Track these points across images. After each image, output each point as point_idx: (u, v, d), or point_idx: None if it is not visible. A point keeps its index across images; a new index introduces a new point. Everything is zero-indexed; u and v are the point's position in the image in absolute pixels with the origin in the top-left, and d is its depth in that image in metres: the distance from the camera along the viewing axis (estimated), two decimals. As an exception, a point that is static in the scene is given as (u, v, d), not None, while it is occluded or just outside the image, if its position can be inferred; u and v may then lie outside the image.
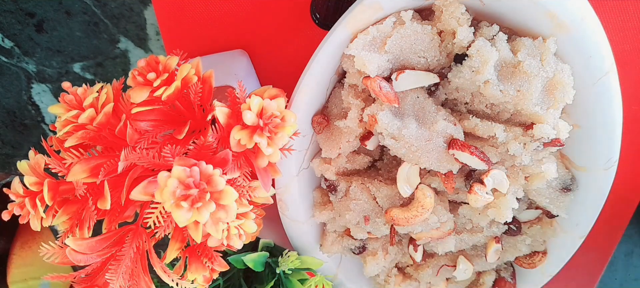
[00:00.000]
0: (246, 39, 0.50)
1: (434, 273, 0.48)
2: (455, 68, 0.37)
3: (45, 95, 0.59)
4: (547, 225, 0.47)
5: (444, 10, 0.36)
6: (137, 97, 0.31)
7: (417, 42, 0.36)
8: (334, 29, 0.36)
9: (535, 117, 0.37)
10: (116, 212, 0.34)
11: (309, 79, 0.38)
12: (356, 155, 0.43)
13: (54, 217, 0.33)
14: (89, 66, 0.57)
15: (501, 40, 0.36)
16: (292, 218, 0.44)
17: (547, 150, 0.39)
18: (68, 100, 0.32)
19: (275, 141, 0.31)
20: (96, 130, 0.32)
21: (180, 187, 0.27)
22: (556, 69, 0.37)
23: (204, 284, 0.36)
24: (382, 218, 0.42)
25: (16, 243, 0.69)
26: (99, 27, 0.54)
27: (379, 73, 0.36)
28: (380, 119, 0.35)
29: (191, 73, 0.32)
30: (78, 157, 0.32)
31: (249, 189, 0.34)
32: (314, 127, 0.41)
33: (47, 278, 0.35)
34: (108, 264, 0.34)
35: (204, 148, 0.32)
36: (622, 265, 0.66)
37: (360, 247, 0.47)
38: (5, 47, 0.55)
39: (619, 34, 0.47)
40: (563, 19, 0.35)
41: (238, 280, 0.46)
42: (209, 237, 0.33)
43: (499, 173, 0.39)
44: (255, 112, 0.31)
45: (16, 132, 0.62)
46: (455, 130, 0.37)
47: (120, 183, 0.32)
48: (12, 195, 0.32)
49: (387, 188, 0.41)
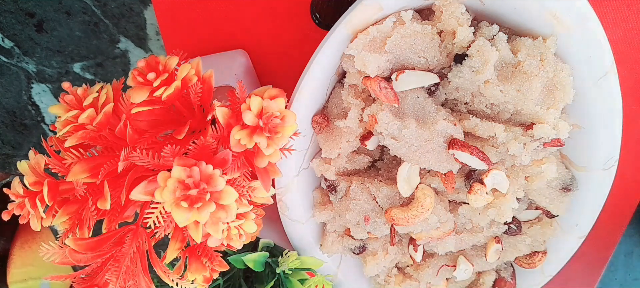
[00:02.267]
0: (246, 39, 0.50)
1: (434, 273, 0.48)
2: (455, 68, 0.37)
3: (45, 95, 0.59)
4: (547, 225, 0.47)
5: (444, 10, 0.36)
6: (137, 97, 0.31)
7: (417, 42, 0.36)
8: (334, 29, 0.36)
9: (535, 117, 0.37)
10: (116, 212, 0.34)
11: (309, 79, 0.38)
12: (356, 155, 0.43)
13: (54, 217, 0.33)
14: (89, 66, 0.57)
15: (501, 40, 0.36)
16: (292, 218, 0.44)
17: (547, 150, 0.39)
18: (68, 100, 0.32)
19: (275, 141, 0.31)
20: (96, 130, 0.32)
21: (180, 187, 0.27)
22: (556, 69, 0.37)
23: (204, 284, 0.36)
24: (382, 218, 0.42)
25: (16, 243, 0.69)
26: (99, 27, 0.54)
27: (379, 73, 0.36)
28: (380, 119, 0.35)
29: (191, 73, 0.32)
30: (78, 157, 0.32)
31: (249, 189, 0.34)
32: (314, 127, 0.41)
33: (47, 278, 0.35)
34: (108, 264, 0.34)
35: (204, 148, 0.32)
36: (622, 265, 0.66)
37: (360, 247, 0.47)
38: (5, 47, 0.55)
39: (619, 34, 0.47)
40: (563, 18, 0.35)
41: (238, 280, 0.46)
42: (209, 237, 0.33)
43: (499, 173, 0.39)
44: (255, 112, 0.31)
45: (16, 132, 0.62)
46: (455, 130, 0.37)
47: (120, 183, 0.32)
48: (12, 195, 0.32)
49: (387, 188, 0.41)
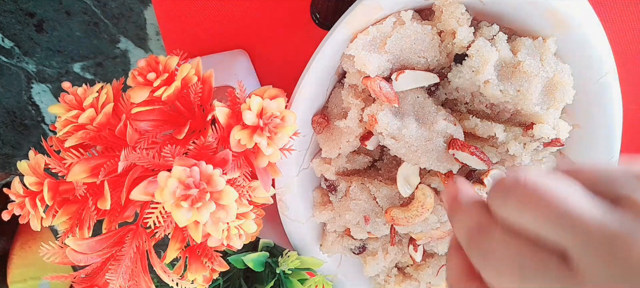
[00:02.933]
0: (246, 39, 0.50)
1: (434, 273, 0.48)
2: (455, 68, 0.37)
3: (45, 95, 0.59)
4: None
5: (444, 10, 0.36)
6: (137, 97, 0.31)
7: (417, 42, 0.36)
8: (334, 29, 0.36)
9: (535, 117, 0.37)
10: (116, 212, 0.34)
11: (309, 79, 0.38)
12: (356, 155, 0.43)
13: (54, 217, 0.33)
14: (89, 66, 0.57)
15: (501, 40, 0.36)
16: (292, 218, 0.44)
17: (547, 150, 0.39)
18: (68, 100, 0.32)
19: (275, 141, 0.31)
20: (96, 130, 0.32)
21: (180, 187, 0.27)
22: (556, 69, 0.37)
23: (204, 284, 0.36)
24: (382, 218, 0.42)
25: (16, 243, 0.69)
26: (99, 27, 0.54)
27: (379, 73, 0.36)
28: (380, 119, 0.35)
29: (191, 73, 0.32)
30: (78, 157, 0.32)
31: (249, 189, 0.34)
32: (314, 127, 0.41)
33: (47, 278, 0.35)
34: (108, 264, 0.34)
35: (204, 148, 0.32)
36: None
37: (360, 247, 0.47)
38: (5, 47, 0.55)
39: (619, 34, 0.47)
40: (563, 18, 0.35)
41: (238, 280, 0.46)
42: (209, 237, 0.33)
43: (499, 173, 0.38)
44: (255, 112, 0.31)
45: (16, 132, 0.62)
46: (455, 130, 0.37)
47: (120, 183, 0.32)
48: (12, 195, 0.32)
49: (387, 188, 0.41)
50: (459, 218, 0.20)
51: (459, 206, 0.21)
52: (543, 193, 0.17)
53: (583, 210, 0.16)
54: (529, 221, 0.17)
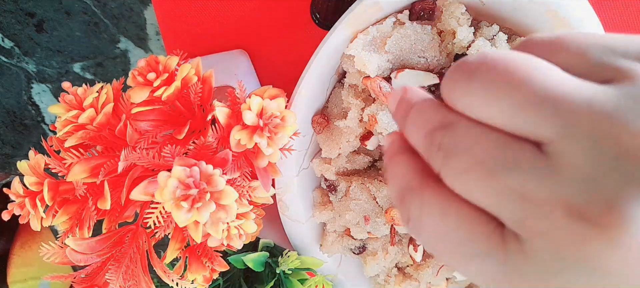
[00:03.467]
0: (246, 39, 0.50)
1: (434, 273, 0.48)
2: (455, 68, 0.37)
3: (45, 95, 0.59)
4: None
5: (444, 10, 0.36)
6: (137, 97, 0.31)
7: (417, 42, 0.36)
8: (334, 29, 0.36)
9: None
10: (116, 212, 0.34)
11: (309, 79, 0.38)
12: (356, 155, 0.43)
13: (54, 217, 0.33)
14: (89, 66, 0.57)
15: (501, 40, 0.36)
16: (292, 218, 0.44)
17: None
18: (68, 100, 0.32)
19: (275, 141, 0.31)
20: (96, 130, 0.32)
21: (180, 187, 0.27)
22: (556, 69, 0.37)
23: (204, 284, 0.36)
24: (382, 218, 0.42)
25: (16, 243, 0.69)
26: (99, 27, 0.54)
27: (379, 73, 0.36)
28: (380, 119, 0.35)
29: (191, 73, 0.32)
30: (78, 157, 0.32)
31: (249, 189, 0.34)
32: (314, 127, 0.41)
33: (47, 278, 0.34)
34: (108, 264, 0.34)
35: (204, 148, 0.32)
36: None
37: (360, 247, 0.47)
38: (5, 47, 0.55)
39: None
40: (563, 18, 0.35)
41: (238, 280, 0.46)
42: (209, 237, 0.33)
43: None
44: (255, 112, 0.31)
45: (16, 132, 0.62)
46: (455, 130, 0.37)
47: (120, 183, 0.32)
48: (12, 195, 0.32)
49: (387, 188, 0.41)
50: (412, 118, 0.17)
51: (410, 104, 0.17)
52: (515, 72, 0.13)
53: (568, 88, 0.13)
54: (499, 109, 0.14)
